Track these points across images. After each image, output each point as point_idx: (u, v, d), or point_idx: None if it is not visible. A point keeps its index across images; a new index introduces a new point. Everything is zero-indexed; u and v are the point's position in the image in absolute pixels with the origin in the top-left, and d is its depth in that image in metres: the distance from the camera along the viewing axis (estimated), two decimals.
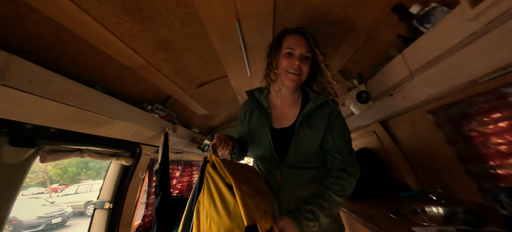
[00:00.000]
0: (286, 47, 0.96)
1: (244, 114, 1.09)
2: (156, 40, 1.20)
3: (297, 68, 0.93)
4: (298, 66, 0.93)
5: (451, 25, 0.81)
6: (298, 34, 0.98)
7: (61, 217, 8.25)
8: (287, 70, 0.94)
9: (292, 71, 0.94)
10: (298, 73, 0.94)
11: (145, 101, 1.70)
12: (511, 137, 0.96)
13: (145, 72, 1.43)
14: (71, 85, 1.01)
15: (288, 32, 1.00)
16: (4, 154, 0.92)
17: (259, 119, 1.02)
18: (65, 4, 0.83)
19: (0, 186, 0.93)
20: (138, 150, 1.71)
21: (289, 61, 0.94)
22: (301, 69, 0.94)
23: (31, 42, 0.92)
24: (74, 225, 8.67)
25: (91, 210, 9.36)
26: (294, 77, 0.94)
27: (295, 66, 0.93)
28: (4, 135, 0.91)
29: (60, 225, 8.28)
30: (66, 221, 8.53)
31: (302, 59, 0.94)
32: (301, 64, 0.93)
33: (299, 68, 0.93)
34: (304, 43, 0.95)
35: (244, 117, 1.09)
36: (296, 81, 0.95)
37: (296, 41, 0.95)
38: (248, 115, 1.07)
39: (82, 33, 0.99)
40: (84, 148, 1.27)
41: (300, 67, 0.93)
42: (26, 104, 0.86)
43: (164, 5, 0.99)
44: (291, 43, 0.95)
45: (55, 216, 8.13)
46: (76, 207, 9.75)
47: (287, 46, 0.95)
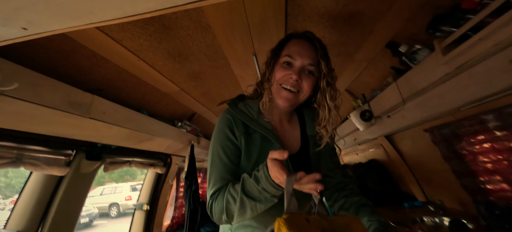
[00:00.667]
0: (285, 55, 0.73)
1: (235, 137, 0.73)
2: (189, 73, 1.49)
3: (295, 83, 0.71)
4: (295, 81, 0.70)
5: (430, 66, 1.00)
6: (304, 39, 0.76)
7: (88, 218, 8.81)
8: (281, 83, 0.72)
9: (287, 87, 0.71)
10: (295, 91, 0.72)
11: (176, 118, 2.00)
12: (494, 157, 1.10)
13: (178, 96, 1.73)
14: (127, 112, 1.31)
15: (293, 37, 0.79)
16: (82, 166, 1.23)
17: (265, 144, 0.74)
18: (129, 56, 1.13)
19: (78, 190, 1.24)
20: (169, 160, 2.01)
21: (285, 72, 0.72)
22: (300, 86, 0.72)
23: (103, 83, 1.24)
24: (99, 225, 9.19)
25: (115, 212, 9.97)
26: (288, 94, 0.71)
27: (291, 80, 0.71)
28: (83, 152, 1.22)
29: (88, 225, 8.85)
30: (93, 222, 9.08)
31: (303, 73, 0.72)
32: (301, 79, 0.71)
33: (297, 83, 0.71)
34: (309, 53, 0.72)
35: (236, 141, 0.73)
36: (290, 100, 0.72)
37: (299, 49, 0.73)
38: (243, 139, 0.73)
39: (137, 73, 1.29)
40: (131, 160, 1.57)
41: (298, 83, 0.71)
42: (100, 129, 1.16)
43: (197, 48, 1.27)
44: (292, 50, 0.73)
45: (83, 216, 8.67)
46: (101, 209, 10.34)
47: (287, 53, 0.73)
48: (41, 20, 0.39)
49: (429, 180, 1.77)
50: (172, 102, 1.81)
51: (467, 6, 0.77)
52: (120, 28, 0.96)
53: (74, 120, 1.01)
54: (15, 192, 12.81)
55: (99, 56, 1.10)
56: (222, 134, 0.74)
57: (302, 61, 0.72)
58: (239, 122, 0.75)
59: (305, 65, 0.72)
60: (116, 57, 1.13)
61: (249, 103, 0.79)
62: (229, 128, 0.74)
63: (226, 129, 0.74)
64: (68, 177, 1.19)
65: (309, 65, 0.73)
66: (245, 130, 0.75)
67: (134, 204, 1.83)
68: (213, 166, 0.73)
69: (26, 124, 0.92)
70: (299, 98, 0.75)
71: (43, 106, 0.86)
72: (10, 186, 13.25)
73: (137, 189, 10.11)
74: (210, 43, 1.23)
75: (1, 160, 0.91)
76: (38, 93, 0.85)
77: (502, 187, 1.14)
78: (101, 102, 1.13)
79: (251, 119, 0.75)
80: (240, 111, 0.76)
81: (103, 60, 1.12)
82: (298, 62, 0.72)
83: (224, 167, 0.71)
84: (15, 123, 0.89)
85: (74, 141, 1.18)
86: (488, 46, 0.75)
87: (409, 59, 1.12)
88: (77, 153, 1.22)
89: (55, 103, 0.90)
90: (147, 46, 1.11)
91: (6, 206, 10.17)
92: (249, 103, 0.79)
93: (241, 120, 0.75)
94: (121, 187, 10.85)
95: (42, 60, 0.96)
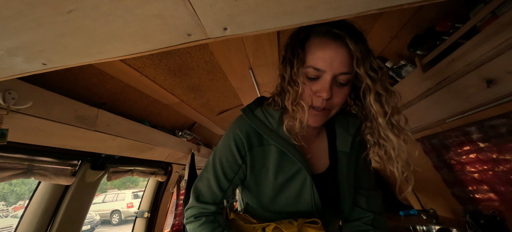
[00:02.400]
0: (310, 65, 0.56)
1: (241, 157, 0.65)
2: (188, 86, 1.57)
3: (325, 103, 0.57)
4: (327, 100, 0.56)
5: (414, 81, 1.06)
6: (331, 39, 0.55)
7: (90, 225, 8.79)
8: (310, 105, 0.58)
9: (318, 107, 0.58)
10: (327, 108, 0.59)
11: (177, 128, 2.07)
12: (480, 167, 1.14)
13: (179, 107, 1.80)
14: (130, 124, 1.38)
15: (314, 33, 0.57)
16: (86, 175, 1.30)
17: (282, 160, 0.64)
18: (132, 73, 1.21)
19: (82, 197, 1.31)
20: (169, 168, 2.07)
21: (312, 90, 0.57)
22: (332, 103, 0.58)
23: (107, 97, 1.32)
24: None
25: (116, 219, 9.96)
26: (318, 115, 0.59)
27: (320, 99, 0.56)
28: (88, 162, 1.29)
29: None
30: (94, 229, 9.07)
31: (336, 85, 0.57)
32: (333, 93, 0.56)
33: (328, 102, 0.57)
34: (340, 57, 0.54)
35: (241, 161, 0.65)
36: (321, 120, 0.60)
37: (325, 55, 0.54)
38: (250, 156, 0.65)
39: (140, 87, 1.37)
40: (133, 169, 1.64)
41: (330, 101, 0.57)
42: (105, 141, 1.24)
43: (196, 64, 1.35)
44: (318, 57, 0.55)
45: (85, 223, 8.62)
46: (103, 216, 10.33)
47: (312, 63, 0.56)
48: (58, 58, 0.47)
49: (423, 189, 1.80)
50: (173, 113, 1.89)
51: (440, 28, 0.84)
52: None
53: (80, 133, 1.09)
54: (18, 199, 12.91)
55: (104, 73, 1.18)
56: (228, 149, 0.65)
57: (332, 71, 0.54)
58: (253, 134, 0.64)
59: (337, 74, 0.54)
60: (121, 74, 1.21)
61: (268, 109, 0.66)
62: (236, 145, 0.64)
63: (232, 145, 0.65)
64: (73, 186, 1.25)
65: (342, 74, 0.54)
66: (259, 141, 0.64)
67: (135, 212, 1.88)
68: (205, 175, 0.68)
69: (38, 138, 1.00)
70: (331, 114, 0.61)
71: (53, 121, 0.94)
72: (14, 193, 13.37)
73: (139, 196, 10.12)
74: (208, 59, 1.31)
75: (14, 171, 0.98)
76: (49, 110, 0.93)
77: (490, 197, 1.18)
78: (106, 115, 1.20)
79: (269, 129, 0.63)
80: (256, 119, 0.64)
81: (108, 76, 1.21)
82: (328, 75, 0.54)
83: (217, 181, 0.65)
84: (27, 137, 0.97)
85: (80, 152, 1.26)
86: (461, 65, 0.81)
87: (395, 73, 1.18)
88: (82, 163, 1.29)
89: (64, 118, 0.98)
90: (149, 64, 1.19)
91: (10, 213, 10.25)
92: (268, 110, 0.66)
93: (255, 131, 0.64)
94: (123, 194, 10.85)
95: (53, 78, 1.05)
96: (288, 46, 0.64)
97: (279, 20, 0.40)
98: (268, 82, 1.72)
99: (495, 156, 1.06)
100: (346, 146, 0.68)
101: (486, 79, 0.80)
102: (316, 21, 0.40)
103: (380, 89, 0.55)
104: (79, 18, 0.37)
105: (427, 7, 0.90)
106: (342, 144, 0.68)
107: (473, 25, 0.73)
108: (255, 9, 0.37)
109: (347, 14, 0.39)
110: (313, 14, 0.39)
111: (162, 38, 0.43)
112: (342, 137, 0.69)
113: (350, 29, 0.54)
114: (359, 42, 0.53)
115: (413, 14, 0.95)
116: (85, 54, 0.46)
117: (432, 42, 0.89)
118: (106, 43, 0.43)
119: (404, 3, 0.37)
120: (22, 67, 0.50)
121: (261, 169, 0.65)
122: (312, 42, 0.57)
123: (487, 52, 0.73)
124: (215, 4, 0.35)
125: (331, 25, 0.54)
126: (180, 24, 0.39)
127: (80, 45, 0.43)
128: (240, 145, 0.64)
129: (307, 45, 0.58)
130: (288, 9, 0.37)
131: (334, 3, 0.36)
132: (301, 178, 0.64)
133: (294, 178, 0.64)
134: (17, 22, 0.37)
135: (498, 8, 0.67)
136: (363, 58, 0.53)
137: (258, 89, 1.81)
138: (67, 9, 0.35)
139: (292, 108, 0.58)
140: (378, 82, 0.54)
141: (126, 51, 0.46)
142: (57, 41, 0.42)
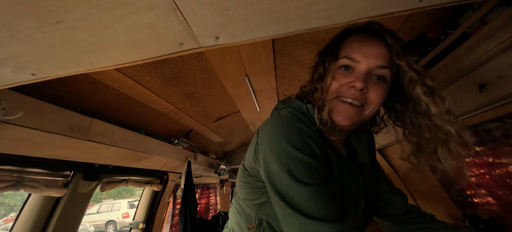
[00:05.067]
0: (344, 55, 0.53)
1: (320, 151, 0.50)
2: (184, 93, 1.56)
3: (358, 95, 0.51)
4: (360, 91, 0.51)
5: None
6: (368, 34, 0.54)
7: None
8: (338, 96, 0.53)
9: (348, 100, 0.52)
10: (359, 104, 0.52)
11: (173, 136, 2.05)
12: (477, 171, 1.14)
13: (175, 115, 1.79)
14: (124, 133, 1.36)
15: (350, 32, 0.57)
16: (79, 186, 1.26)
17: (343, 168, 0.56)
18: (127, 81, 1.20)
19: (74, 209, 1.27)
20: (165, 177, 2.03)
21: (344, 80, 0.52)
22: (366, 98, 0.52)
23: (101, 106, 1.30)
24: None
25: (111, 230, 9.73)
26: (350, 110, 0.52)
27: (353, 90, 0.51)
28: (80, 172, 1.26)
29: None
30: None
31: (371, 79, 0.52)
32: (368, 87, 0.51)
33: (361, 95, 0.51)
34: (377, 50, 0.51)
35: (320, 157, 0.50)
36: (352, 117, 0.52)
37: (361, 46, 0.52)
38: (328, 163, 0.54)
39: (135, 95, 1.36)
40: (128, 178, 1.60)
41: (363, 94, 0.51)
42: (98, 151, 1.21)
43: (191, 72, 1.34)
44: (353, 48, 0.53)
45: None
46: (97, 227, 10.08)
47: (346, 53, 0.53)
48: (47, 69, 0.46)
49: (421, 193, 1.80)
50: (168, 121, 1.87)
51: (432, 35, 0.85)
52: None
53: (73, 143, 1.06)
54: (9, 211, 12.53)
55: (98, 82, 1.17)
56: (308, 147, 0.47)
57: (368, 62, 0.50)
58: (317, 136, 0.51)
59: (373, 68, 0.50)
60: (115, 82, 1.20)
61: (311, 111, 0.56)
62: (315, 142, 0.49)
63: (312, 143, 0.48)
64: (65, 198, 1.22)
65: (379, 68, 0.50)
66: (320, 145, 0.51)
67: (130, 223, 1.83)
68: (303, 188, 0.43)
69: (28, 149, 0.97)
70: (364, 113, 0.53)
71: (45, 132, 0.92)
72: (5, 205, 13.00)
73: (135, 205, 9.92)
74: (203, 67, 1.31)
75: (3, 184, 0.95)
76: (41, 120, 0.91)
77: (488, 201, 1.17)
78: (99, 125, 1.18)
79: (321, 134, 0.54)
80: (311, 126, 0.52)
81: (102, 85, 1.19)
82: (363, 65, 0.51)
83: (330, 188, 0.46)
84: (17, 149, 0.95)
85: (72, 162, 1.23)
86: (454, 71, 0.82)
87: None
88: (75, 174, 1.26)
89: (56, 128, 0.96)
90: (144, 72, 1.19)
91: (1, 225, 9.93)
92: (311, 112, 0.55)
93: (318, 133, 0.52)
94: (119, 204, 10.63)
95: (45, 88, 1.03)
96: (321, 50, 0.62)
97: (271, 29, 0.40)
98: (264, 88, 1.73)
99: (491, 160, 1.06)
100: (366, 158, 0.65)
101: (478, 83, 0.81)
102: (308, 29, 0.40)
103: (430, 82, 0.49)
104: (68, 29, 0.36)
105: (418, 14, 0.92)
106: (362, 157, 0.65)
107: (463, 31, 0.75)
108: (246, 18, 0.37)
109: (339, 23, 0.39)
110: (304, 22, 0.39)
111: (153, 47, 0.42)
112: (360, 150, 0.66)
113: (389, 30, 0.53)
114: (398, 40, 0.51)
115: (404, 22, 0.96)
116: (75, 64, 0.45)
117: (424, 48, 0.91)
118: (97, 53, 0.42)
119: (394, 11, 0.37)
120: (11, 78, 0.49)
121: (340, 181, 0.55)
122: (348, 40, 0.56)
123: (478, 57, 0.74)
124: (206, 13, 0.35)
125: (371, 24, 0.54)
126: (171, 34, 0.39)
127: (70, 55, 0.42)
128: (313, 141, 0.50)
129: (342, 43, 0.56)
130: (280, 18, 0.37)
131: (325, 12, 0.37)
132: (358, 189, 0.58)
133: (355, 189, 0.58)
134: (4, 33, 0.37)
135: (487, 14, 0.68)
136: (403, 52, 0.50)
137: (255, 96, 1.81)
138: (55, 19, 0.35)
139: (318, 104, 0.53)
140: (425, 76, 0.50)
141: (117, 61, 0.45)
142: (46, 52, 0.41)
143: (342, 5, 0.35)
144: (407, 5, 0.36)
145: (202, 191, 3.11)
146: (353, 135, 0.68)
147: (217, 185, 3.67)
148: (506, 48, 0.68)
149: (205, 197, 3.18)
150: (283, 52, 1.29)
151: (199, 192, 3.00)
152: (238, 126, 2.66)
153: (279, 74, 1.56)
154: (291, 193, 0.43)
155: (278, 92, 1.77)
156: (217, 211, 3.47)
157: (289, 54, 1.30)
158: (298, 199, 0.42)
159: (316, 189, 0.43)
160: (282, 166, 0.45)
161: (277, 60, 1.36)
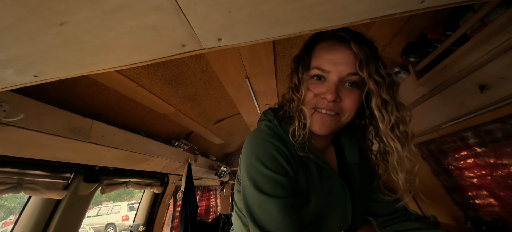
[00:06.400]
0: (314, 66, 0.55)
1: (293, 170, 0.53)
2: (185, 95, 1.56)
3: (331, 105, 0.53)
4: (332, 102, 0.52)
5: (409, 87, 1.07)
6: (336, 41, 0.55)
7: None
8: (314, 106, 0.55)
9: (323, 110, 0.54)
10: (333, 113, 0.54)
11: (173, 138, 2.05)
12: (479, 172, 1.14)
13: (175, 117, 1.79)
14: (125, 135, 1.36)
15: (320, 39, 0.58)
16: (80, 188, 1.26)
17: (323, 175, 0.58)
18: (128, 83, 1.21)
19: (75, 212, 1.26)
20: (166, 179, 2.03)
21: (316, 91, 0.54)
22: (340, 107, 0.54)
23: (102, 108, 1.30)
24: None
25: None
26: (325, 119, 0.54)
27: (325, 102, 0.53)
28: (81, 174, 1.26)
29: None
30: None
31: (344, 86, 0.53)
32: (342, 95, 0.53)
33: (334, 105, 0.53)
34: (346, 58, 0.52)
35: (294, 175, 0.53)
36: (328, 126, 0.54)
37: (330, 55, 0.53)
38: (305, 173, 0.56)
39: (136, 97, 1.36)
40: (128, 180, 1.60)
41: (336, 104, 0.53)
42: (98, 153, 1.21)
43: (192, 73, 1.35)
44: (323, 58, 0.54)
45: None
46: (97, 230, 10.03)
47: (317, 64, 0.54)
48: (50, 70, 0.46)
49: (423, 195, 1.79)
50: (169, 123, 1.87)
51: (432, 36, 0.86)
52: None
53: (74, 145, 1.06)
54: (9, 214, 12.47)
55: (100, 84, 1.17)
56: (275, 162, 0.50)
57: (338, 71, 0.51)
58: (291, 147, 0.54)
59: (344, 76, 0.52)
60: (116, 84, 1.20)
61: (288, 121, 0.58)
62: (283, 157, 0.52)
63: (279, 158, 0.51)
64: (65, 200, 1.21)
65: (350, 75, 0.52)
66: (299, 158, 0.55)
67: (130, 225, 1.82)
68: (267, 202, 0.46)
69: (29, 151, 0.97)
70: (340, 120, 0.55)
71: (46, 134, 0.92)
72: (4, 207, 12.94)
73: (135, 208, 9.88)
74: (204, 69, 1.32)
75: (3, 186, 0.95)
76: (42, 122, 0.91)
77: (490, 202, 1.17)
78: (100, 127, 1.18)
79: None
80: (283, 138, 0.55)
81: (103, 87, 1.20)
82: (333, 75, 0.52)
83: (293, 204, 0.48)
84: (18, 151, 0.94)
85: (73, 164, 1.23)
86: (454, 72, 0.82)
87: None
88: (75, 176, 1.26)
89: (57, 130, 0.96)
90: (145, 74, 1.19)
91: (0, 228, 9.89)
92: (289, 122, 0.58)
93: (292, 144, 0.55)
94: (119, 206, 10.57)
95: (47, 90, 1.03)
96: (295, 56, 0.63)
97: (273, 30, 0.40)
98: (264, 90, 1.73)
99: (492, 161, 1.06)
100: (355, 157, 0.66)
101: (479, 84, 0.81)
102: (310, 31, 0.41)
103: (385, 95, 0.50)
104: (71, 31, 0.36)
105: (418, 16, 0.92)
106: (351, 156, 0.66)
107: (463, 33, 0.75)
108: (249, 20, 0.37)
109: (340, 24, 0.39)
110: (306, 24, 0.39)
111: (156, 49, 0.43)
112: (349, 149, 0.66)
113: (356, 34, 0.54)
114: (364, 46, 0.51)
115: (405, 23, 0.97)
116: (77, 66, 0.45)
117: (425, 49, 0.91)
118: (99, 55, 0.42)
119: (395, 13, 0.37)
120: (13, 80, 0.49)
121: (321, 190, 0.56)
122: (318, 47, 0.57)
123: (479, 58, 0.75)
124: (209, 15, 0.36)
125: (336, 29, 0.54)
126: (174, 35, 0.39)
127: (73, 57, 0.42)
128: (285, 156, 0.53)
129: (313, 51, 0.57)
130: (282, 19, 0.37)
131: (327, 13, 0.37)
132: (342, 192, 0.59)
133: (338, 194, 0.59)
134: (8, 35, 0.37)
135: (487, 16, 0.69)
136: (367, 61, 0.50)
137: (255, 98, 1.81)
138: (59, 21, 0.35)
139: (296, 115, 0.56)
140: (384, 88, 0.50)
141: (120, 62, 0.45)
142: (49, 53, 0.41)
143: (344, 6, 0.36)
144: (408, 6, 0.36)
145: (202, 193, 3.10)
146: (343, 134, 0.69)
147: (217, 187, 3.66)
148: (507, 49, 0.68)
149: (205, 199, 3.17)
150: (283, 54, 1.29)
151: (199, 194, 2.99)
152: (238, 128, 2.65)
153: (280, 76, 1.56)
154: (254, 205, 0.47)
155: (278, 94, 1.78)
156: (217, 213, 3.46)
157: (290, 55, 1.31)
158: (259, 212, 0.46)
159: (276, 201, 0.46)
160: (250, 179, 0.49)
161: (277, 61, 1.36)
